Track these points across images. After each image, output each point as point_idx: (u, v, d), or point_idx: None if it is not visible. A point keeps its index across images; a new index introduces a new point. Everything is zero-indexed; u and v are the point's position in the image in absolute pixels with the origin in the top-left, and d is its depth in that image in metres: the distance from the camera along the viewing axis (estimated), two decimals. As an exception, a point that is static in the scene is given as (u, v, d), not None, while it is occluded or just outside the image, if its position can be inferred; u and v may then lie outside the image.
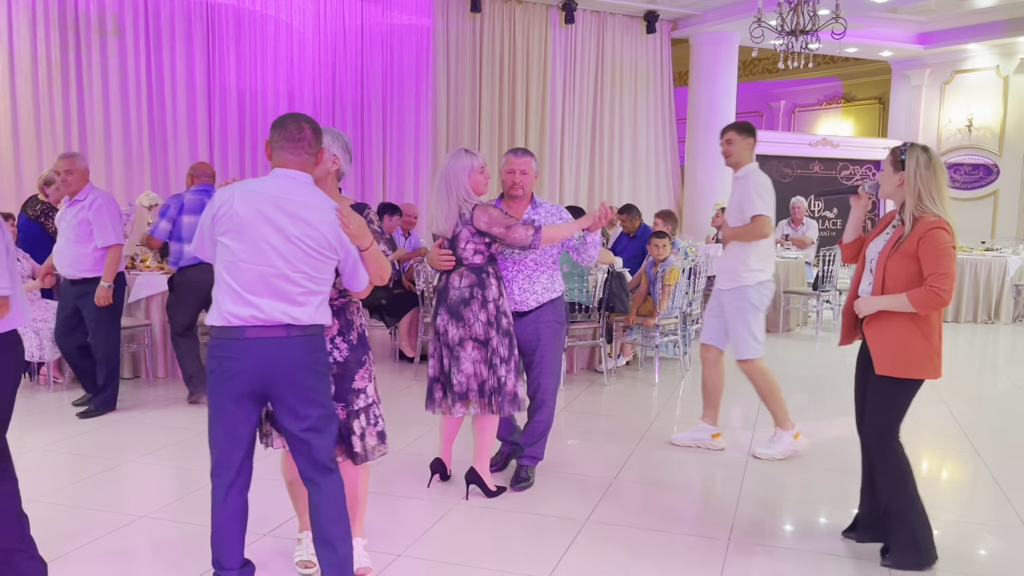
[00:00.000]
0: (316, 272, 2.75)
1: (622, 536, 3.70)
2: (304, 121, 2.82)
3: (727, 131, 4.91)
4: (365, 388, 3.11)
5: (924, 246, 3.14)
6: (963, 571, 3.40)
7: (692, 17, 11.74)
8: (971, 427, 5.56)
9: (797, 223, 10.56)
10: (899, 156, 3.25)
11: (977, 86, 12.99)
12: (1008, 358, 8.34)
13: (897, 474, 3.34)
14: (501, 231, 3.80)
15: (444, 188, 3.87)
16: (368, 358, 3.14)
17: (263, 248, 2.69)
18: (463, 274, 3.88)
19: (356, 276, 2.88)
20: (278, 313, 2.70)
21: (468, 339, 3.88)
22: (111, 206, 5.41)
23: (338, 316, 3.06)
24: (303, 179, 2.79)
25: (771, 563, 3.47)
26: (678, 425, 5.64)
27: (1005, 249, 10.77)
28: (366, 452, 3.10)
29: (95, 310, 5.41)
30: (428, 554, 3.47)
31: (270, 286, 2.71)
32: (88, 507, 3.97)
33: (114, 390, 5.63)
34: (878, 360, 3.27)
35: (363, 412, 3.09)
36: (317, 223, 2.72)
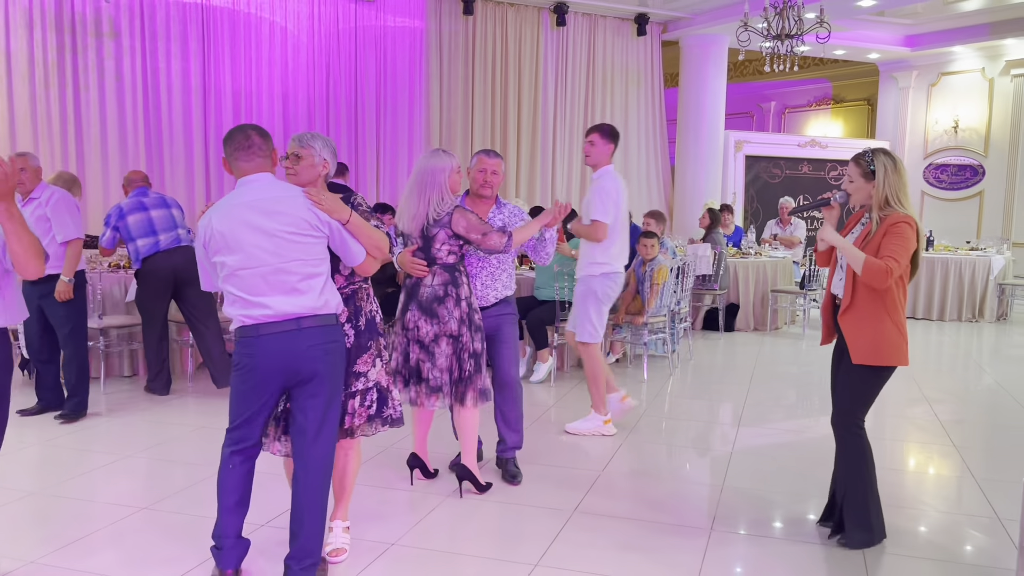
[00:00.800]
0: (308, 255, 2.91)
1: (608, 525, 3.82)
2: (250, 129, 3.01)
3: (592, 132, 5.18)
4: (366, 372, 3.25)
5: (888, 235, 3.32)
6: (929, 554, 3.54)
7: (682, 20, 11.87)
8: (953, 424, 5.69)
9: (785, 223, 10.72)
10: (868, 167, 3.39)
11: (963, 88, 13.15)
12: (991, 356, 8.49)
13: (858, 459, 3.51)
14: (478, 237, 3.90)
15: (417, 187, 3.89)
16: (375, 344, 3.28)
17: (252, 252, 2.87)
18: (436, 272, 3.93)
19: (349, 250, 3.03)
20: (286, 307, 2.89)
21: (443, 335, 3.94)
22: (68, 201, 5.35)
23: (347, 303, 3.21)
24: (265, 179, 2.98)
25: (750, 550, 3.60)
26: (666, 421, 5.78)
27: (990, 249, 10.93)
28: (353, 430, 3.27)
29: (60, 308, 5.32)
30: (419, 543, 3.59)
31: (271, 284, 2.89)
32: (90, 499, 4.08)
33: (84, 392, 5.52)
34: (854, 349, 3.40)
35: (359, 394, 3.25)
36: (291, 209, 2.89)
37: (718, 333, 9.28)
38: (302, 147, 3.18)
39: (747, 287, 9.48)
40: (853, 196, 3.48)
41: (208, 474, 4.40)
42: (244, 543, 3.14)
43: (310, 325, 2.92)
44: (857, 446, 3.52)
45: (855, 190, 3.45)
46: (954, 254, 10.59)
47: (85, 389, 5.53)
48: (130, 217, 5.96)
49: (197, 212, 9.31)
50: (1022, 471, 4.61)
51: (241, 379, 2.97)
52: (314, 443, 3.00)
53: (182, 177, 9.39)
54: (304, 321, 2.91)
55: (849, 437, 3.53)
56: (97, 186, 8.97)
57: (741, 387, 6.71)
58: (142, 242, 5.94)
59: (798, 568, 3.43)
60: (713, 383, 6.94)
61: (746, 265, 9.48)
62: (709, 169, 12.04)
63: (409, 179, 3.98)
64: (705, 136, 11.99)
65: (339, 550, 3.38)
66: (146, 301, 6.05)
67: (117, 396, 6.11)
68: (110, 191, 9.03)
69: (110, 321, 6.32)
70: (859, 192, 3.44)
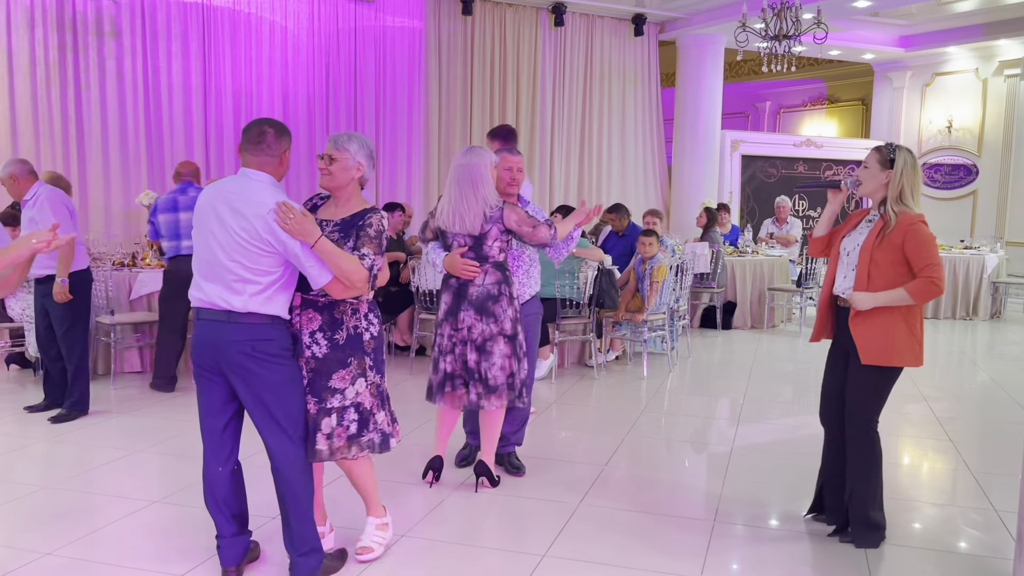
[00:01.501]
0: (251, 263, 2.91)
1: (613, 518, 3.89)
2: (267, 125, 3.04)
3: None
4: (343, 389, 3.12)
5: (911, 240, 3.31)
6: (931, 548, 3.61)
7: (679, 20, 11.94)
8: (950, 420, 5.78)
9: (782, 222, 10.80)
10: (888, 155, 3.39)
11: (957, 88, 13.26)
12: (986, 353, 8.59)
13: (871, 461, 3.51)
14: (529, 231, 3.93)
15: (471, 186, 3.87)
16: (356, 361, 3.14)
17: (208, 238, 2.97)
18: (488, 271, 3.93)
19: (307, 272, 2.95)
20: (216, 297, 2.95)
21: (499, 335, 3.94)
22: (53, 200, 5.22)
23: (321, 312, 3.11)
24: (259, 177, 3.00)
25: (753, 542, 3.68)
26: (666, 417, 5.85)
27: (983, 247, 11.04)
28: (331, 452, 3.13)
29: (58, 307, 5.32)
30: (428, 535, 3.65)
31: (213, 272, 2.96)
32: (100, 493, 4.13)
33: (84, 390, 5.50)
34: (864, 350, 3.38)
35: (336, 412, 3.12)
36: (251, 217, 2.89)
37: (716, 331, 9.36)
38: (337, 149, 3.15)
39: (744, 285, 9.57)
40: (864, 184, 3.45)
41: (217, 469, 4.46)
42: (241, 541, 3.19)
43: (236, 321, 2.94)
44: (871, 449, 3.50)
45: (868, 177, 3.43)
46: (948, 253, 10.69)
47: (84, 389, 5.49)
48: (161, 216, 6.16)
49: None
50: (1017, 465, 4.69)
51: (192, 360, 3.12)
52: (270, 436, 3.03)
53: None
54: (233, 316, 2.94)
55: (864, 440, 3.50)
56: (98, 185, 8.99)
57: (739, 384, 6.79)
58: (167, 244, 6.18)
59: (801, 560, 3.50)
60: (712, 380, 7.02)
61: (743, 264, 9.56)
62: (706, 168, 12.12)
63: (452, 180, 3.93)
64: (702, 136, 12.07)
65: (365, 548, 3.38)
66: (165, 299, 6.21)
67: (125, 392, 6.16)
68: (111, 190, 9.06)
69: (121, 318, 6.36)
70: (871, 181, 3.42)
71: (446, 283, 4.05)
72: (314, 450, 3.12)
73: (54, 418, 5.40)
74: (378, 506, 3.46)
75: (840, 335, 3.58)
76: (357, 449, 3.17)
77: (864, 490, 3.52)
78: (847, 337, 3.49)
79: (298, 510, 3.08)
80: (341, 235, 3.09)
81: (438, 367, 4.07)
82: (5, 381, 6.48)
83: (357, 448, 3.17)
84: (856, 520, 3.55)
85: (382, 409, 3.26)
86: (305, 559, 3.10)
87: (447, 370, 4.03)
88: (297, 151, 9.88)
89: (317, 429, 3.11)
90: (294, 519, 3.08)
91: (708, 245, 9.00)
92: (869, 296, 3.34)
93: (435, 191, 10.61)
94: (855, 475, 3.53)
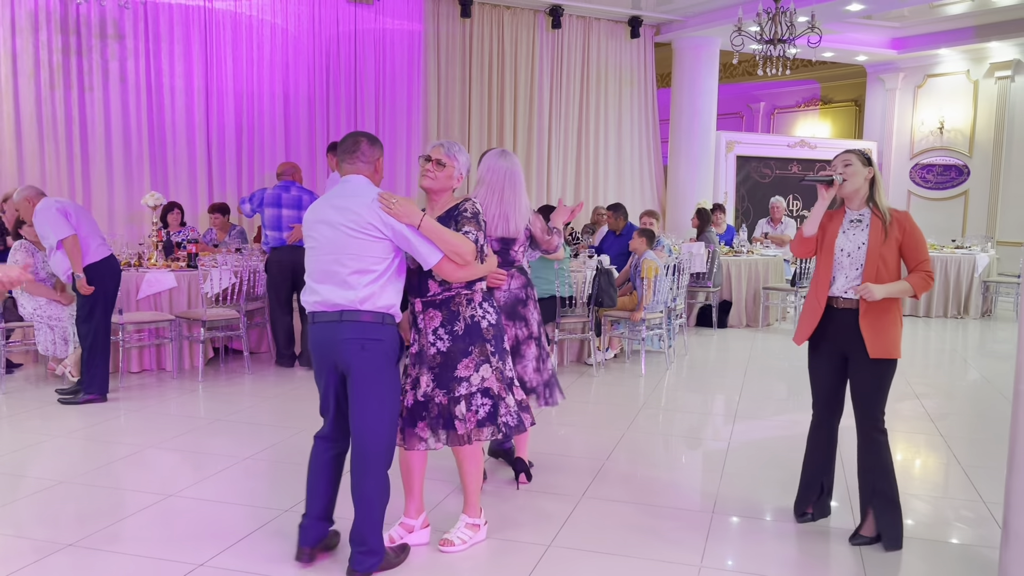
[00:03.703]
0: (362, 251, 3.08)
1: (614, 511, 4.02)
2: (361, 136, 3.30)
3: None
4: (468, 377, 3.30)
5: (911, 236, 3.49)
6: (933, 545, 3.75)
7: (675, 23, 12.07)
8: (941, 416, 5.92)
9: (776, 222, 10.95)
10: (863, 155, 3.56)
11: (948, 90, 13.42)
12: (976, 351, 8.73)
13: (888, 459, 3.58)
14: (546, 238, 4.07)
15: (513, 190, 3.94)
16: (478, 348, 3.31)
17: (320, 242, 3.16)
18: (514, 275, 4.00)
19: (418, 253, 3.13)
20: (334, 296, 3.12)
21: (529, 338, 4.01)
22: (44, 209, 5.63)
23: (440, 308, 3.30)
24: (356, 180, 3.23)
25: (751, 533, 3.81)
26: (663, 414, 5.98)
27: (975, 247, 11.19)
28: (468, 435, 3.33)
29: (82, 299, 5.75)
30: (437, 526, 3.76)
31: (327, 273, 3.14)
32: (118, 487, 4.24)
33: (104, 377, 5.84)
34: (873, 344, 3.46)
35: (463, 399, 3.29)
36: (357, 207, 3.09)
37: (712, 329, 9.50)
38: (448, 157, 3.34)
39: (739, 285, 9.71)
40: (851, 180, 3.51)
41: (227, 464, 4.58)
42: (321, 526, 3.34)
43: (349, 319, 3.10)
44: (887, 447, 3.56)
45: (853, 173, 3.51)
46: (940, 252, 10.84)
47: (103, 375, 5.83)
48: (266, 209, 6.82)
49: (200, 212, 9.46)
50: (1006, 459, 4.83)
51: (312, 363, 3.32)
52: (359, 433, 3.17)
53: (185, 177, 9.52)
54: (345, 314, 3.10)
55: (882, 436, 3.56)
56: (101, 186, 9.08)
57: (735, 381, 6.92)
58: (271, 235, 6.84)
59: (798, 550, 3.64)
60: (708, 378, 7.15)
61: (738, 263, 9.70)
62: (701, 169, 12.25)
63: (494, 183, 3.94)
64: (697, 137, 12.20)
65: (447, 540, 3.50)
66: (271, 286, 7.00)
67: (135, 390, 6.26)
68: (114, 191, 9.15)
69: (128, 317, 6.46)
70: (857, 176, 3.51)
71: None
72: (457, 436, 3.32)
73: (63, 398, 5.83)
74: (475, 505, 3.59)
75: (838, 337, 3.58)
76: (491, 431, 3.33)
77: (890, 487, 3.56)
78: (847, 337, 3.54)
79: (366, 509, 3.19)
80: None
81: None
82: (16, 380, 6.57)
83: (491, 430, 3.33)
84: (887, 525, 3.58)
85: (510, 393, 3.41)
86: (363, 557, 3.20)
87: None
88: (297, 152, 10.00)
89: (453, 417, 3.31)
90: (359, 517, 3.19)
91: (704, 245, 9.14)
92: (883, 287, 3.44)
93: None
94: (877, 474, 3.56)
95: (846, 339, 3.56)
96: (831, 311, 3.60)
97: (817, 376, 3.74)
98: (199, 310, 6.69)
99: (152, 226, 7.29)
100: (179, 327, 6.79)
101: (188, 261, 7.06)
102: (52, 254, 5.73)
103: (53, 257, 5.74)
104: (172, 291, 6.82)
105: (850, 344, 3.55)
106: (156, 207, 7.17)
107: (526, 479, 4.31)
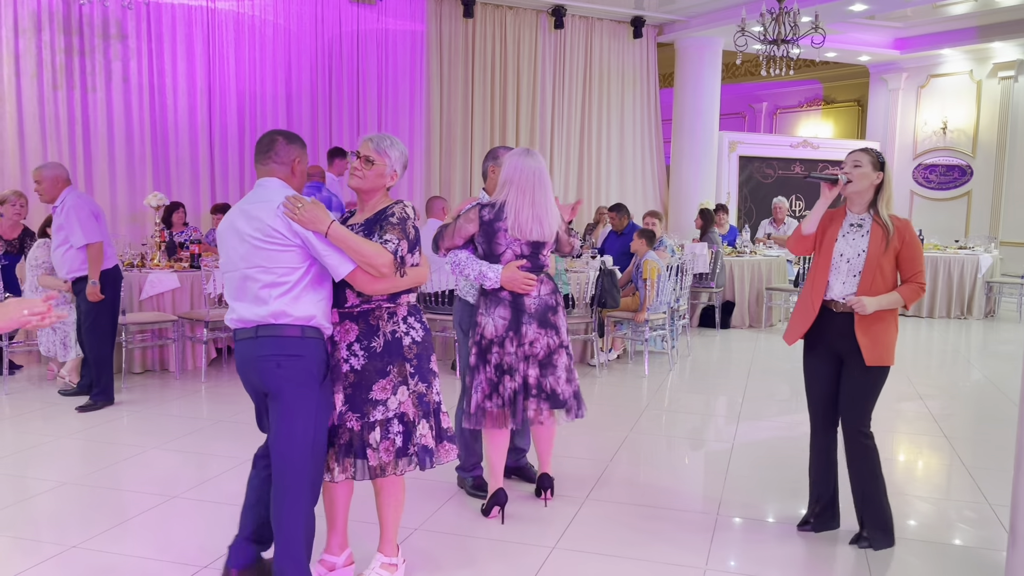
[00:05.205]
0: (271, 263, 2.81)
1: (618, 513, 4.01)
2: (276, 134, 3.00)
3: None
4: (385, 400, 2.94)
5: (910, 247, 3.46)
6: (931, 545, 3.74)
7: (677, 23, 12.07)
8: (944, 417, 5.91)
9: (779, 223, 10.94)
10: (878, 158, 3.50)
11: (951, 90, 13.41)
12: (980, 352, 8.72)
13: (875, 464, 3.58)
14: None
15: (543, 192, 3.70)
16: (396, 368, 2.97)
17: (230, 255, 2.91)
18: (543, 281, 3.79)
19: (328, 263, 2.84)
20: (248, 313, 2.86)
21: (560, 347, 3.80)
22: (80, 207, 5.52)
23: (357, 321, 2.96)
24: (268, 184, 2.94)
25: (756, 538, 3.80)
26: (667, 415, 5.97)
27: (978, 247, 11.17)
28: (382, 467, 2.95)
29: (87, 305, 5.66)
30: (440, 528, 3.77)
31: (240, 289, 2.89)
32: (121, 488, 4.24)
33: (109, 381, 5.80)
34: (870, 352, 3.44)
35: (379, 425, 2.93)
36: (263, 215, 2.82)
37: (714, 330, 9.49)
38: (378, 153, 3.01)
39: (742, 285, 9.70)
40: (856, 181, 3.45)
41: (228, 466, 4.58)
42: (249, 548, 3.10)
43: (265, 335, 2.84)
44: (874, 451, 3.56)
45: (861, 176, 3.45)
46: (943, 253, 10.83)
47: (108, 380, 5.79)
48: None
49: (202, 212, 9.47)
50: (1010, 460, 4.82)
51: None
52: (277, 459, 2.89)
53: (187, 177, 9.53)
54: (261, 330, 2.84)
55: (868, 440, 3.56)
56: (104, 186, 9.09)
57: (738, 382, 6.92)
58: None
59: (803, 552, 3.63)
60: (711, 378, 7.14)
61: (741, 264, 9.69)
62: (704, 169, 12.24)
63: (525, 185, 3.68)
64: (700, 137, 12.20)
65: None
66: None
67: (138, 391, 6.26)
68: (116, 191, 9.15)
69: (132, 318, 6.47)
70: (864, 179, 3.46)
71: (494, 297, 3.73)
72: (368, 467, 2.95)
73: (81, 407, 5.69)
74: (392, 543, 3.21)
75: (834, 341, 3.56)
76: (405, 464, 2.97)
77: (876, 489, 3.57)
78: (843, 342, 3.52)
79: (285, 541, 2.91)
80: (364, 233, 2.95)
81: (500, 389, 3.73)
82: (19, 381, 6.57)
83: (405, 463, 2.97)
84: (871, 523, 3.60)
85: (424, 421, 3.02)
86: None
87: (515, 389, 3.73)
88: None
89: (366, 445, 2.94)
90: (279, 549, 2.92)
91: (707, 245, 9.13)
92: (875, 300, 3.43)
93: (436, 192, 10.72)
94: (864, 477, 3.57)
95: (842, 343, 3.54)
96: (828, 314, 3.57)
97: (814, 380, 3.70)
98: (202, 311, 6.69)
99: (155, 226, 7.30)
100: (182, 328, 6.80)
101: (191, 262, 7.07)
102: (64, 249, 5.59)
103: (66, 253, 5.59)
104: (175, 292, 6.82)
105: (846, 349, 3.54)
106: (159, 207, 7.18)
107: (550, 495, 4.11)
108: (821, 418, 3.72)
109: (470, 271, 3.72)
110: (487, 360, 3.73)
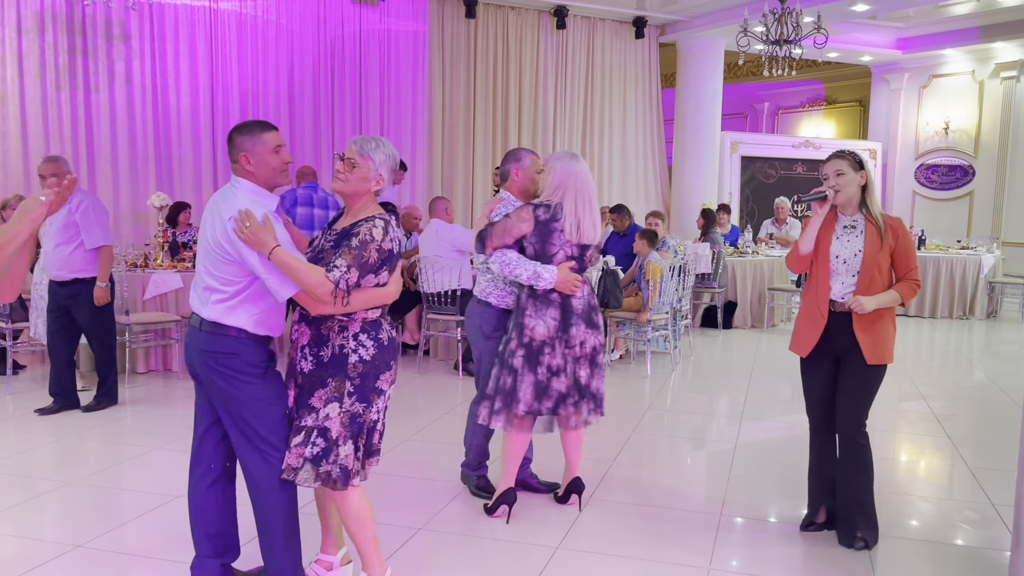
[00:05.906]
0: (216, 270, 2.80)
1: (621, 513, 4.02)
2: (232, 130, 2.92)
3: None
4: (318, 410, 2.83)
5: (903, 244, 3.48)
6: (936, 544, 3.74)
7: (679, 23, 12.07)
8: (947, 417, 5.91)
9: (781, 223, 10.94)
10: (854, 158, 3.52)
11: (953, 90, 13.41)
12: (982, 352, 8.72)
13: (869, 464, 3.59)
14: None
15: (589, 195, 3.76)
16: (337, 383, 2.84)
17: (200, 243, 2.90)
18: (585, 281, 3.79)
19: (268, 284, 2.76)
20: (197, 303, 2.88)
21: (599, 346, 3.82)
22: (97, 208, 5.51)
23: (311, 326, 2.89)
24: (239, 184, 2.86)
25: (759, 538, 3.81)
26: (669, 415, 5.97)
27: (980, 248, 11.18)
28: (291, 468, 2.85)
29: (90, 308, 5.56)
30: (444, 528, 3.78)
31: (198, 277, 2.90)
32: (124, 488, 4.25)
33: (114, 383, 5.80)
34: (871, 351, 3.46)
35: (304, 431, 2.83)
36: (216, 221, 2.78)
37: (717, 330, 9.50)
38: (361, 155, 2.86)
39: (744, 285, 9.70)
40: (845, 188, 3.46)
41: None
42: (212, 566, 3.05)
43: (207, 331, 2.84)
44: (868, 451, 3.58)
45: (847, 182, 3.47)
46: (945, 253, 10.83)
47: (113, 380, 5.81)
48: (299, 208, 6.75)
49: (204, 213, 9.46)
50: (1013, 460, 4.82)
51: None
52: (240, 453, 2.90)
53: (190, 177, 9.54)
54: (204, 325, 2.85)
55: (863, 441, 3.57)
56: (107, 187, 9.10)
57: (741, 382, 6.92)
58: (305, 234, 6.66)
59: (807, 553, 3.63)
60: (713, 379, 7.15)
61: (743, 264, 9.70)
62: (706, 169, 12.25)
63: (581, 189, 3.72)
64: (702, 137, 12.20)
65: None
66: None
67: (140, 391, 6.27)
68: (119, 191, 9.17)
69: (136, 318, 6.47)
70: (850, 185, 3.47)
71: (544, 298, 3.70)
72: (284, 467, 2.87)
73: (85, 407, 5.71)
74: (375, 561, 3.02)
75: (833, 341, 3.56)
76: (309, 477, 2.82)
77: (868, 488, 3.59)
78: (842, 342, 3.53)
79: (270, 539, 2.90)
80: (333, 246, 2.84)
81: (548, 390, 3.70)
82: (22, 381, 6.58)
83: (310, 477, 2.82)
84: (864, 523, 3.61)
85: (351, 441, 2.85)
86: None
87: (562, 391, 3.72)
88: (302, 153, 10.00)
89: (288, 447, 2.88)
90: (265, 548, 2.92)
91: (709, 246, 9.14)
92: (873, 299, 3.44)
93: (438, 192, 10.72)
94: (860, 478, 3.58)
95: (841, 343, 3.55)
96: (830, 315, 3.57)
97: (812, 382, 3.70)
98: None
99: (158, 227, 7.30)
100: (185, 328, 6.80)
101: (194, 262, 7.07)
102: (72, 248, 5.46)
103: (73, 252, 5.46)
104: (178, 292, 6.83)
105: (845, 348, 3.54)
106: (162, 208, 7.18)
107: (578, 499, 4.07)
108: (821, 421, 3.71)
109: (522, 271, 3.67)
110: (539, 362, 3.69)
